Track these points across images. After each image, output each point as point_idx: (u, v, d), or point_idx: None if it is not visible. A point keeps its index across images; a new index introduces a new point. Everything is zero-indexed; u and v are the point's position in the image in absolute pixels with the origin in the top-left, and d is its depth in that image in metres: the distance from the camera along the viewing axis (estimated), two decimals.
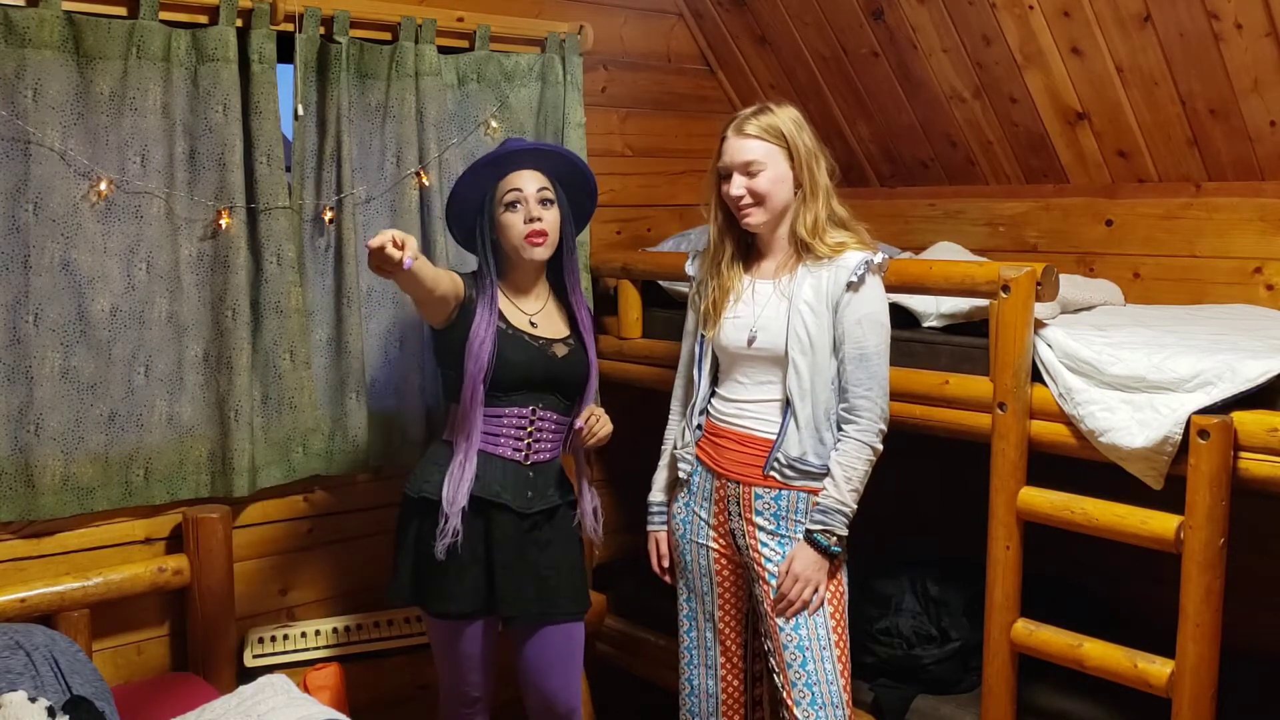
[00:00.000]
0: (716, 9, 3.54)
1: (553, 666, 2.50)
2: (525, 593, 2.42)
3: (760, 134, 2.26)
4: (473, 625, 2.45)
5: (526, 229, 2.41)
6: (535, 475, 2.46)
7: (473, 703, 2.56)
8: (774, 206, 2.28)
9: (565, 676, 2.52)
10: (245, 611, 2.84)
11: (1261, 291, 2.75)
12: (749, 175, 2.26)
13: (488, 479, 2.41)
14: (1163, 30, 2.64)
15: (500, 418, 2.43)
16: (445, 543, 2.36)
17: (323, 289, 2.86)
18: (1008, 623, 2.32)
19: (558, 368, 2.47)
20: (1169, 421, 2.06)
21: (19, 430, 2.46)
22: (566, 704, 2.54)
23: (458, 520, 2.36)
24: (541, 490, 2.47)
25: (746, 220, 2.30)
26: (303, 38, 2.72)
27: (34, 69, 2.39)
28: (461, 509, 2.36)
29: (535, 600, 2.43)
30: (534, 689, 2.53)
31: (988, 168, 3.30)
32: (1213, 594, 2.05)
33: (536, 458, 2.46)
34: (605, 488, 3.51)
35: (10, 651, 2.20)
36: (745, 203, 2.28)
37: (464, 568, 2.39)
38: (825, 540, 2.25)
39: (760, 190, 2.26)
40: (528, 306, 2.51)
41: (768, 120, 2.27)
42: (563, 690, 2.53)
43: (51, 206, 2.45)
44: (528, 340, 2.45)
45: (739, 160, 2.27)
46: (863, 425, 2.25)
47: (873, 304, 2.26)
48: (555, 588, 2.45)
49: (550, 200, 2.45)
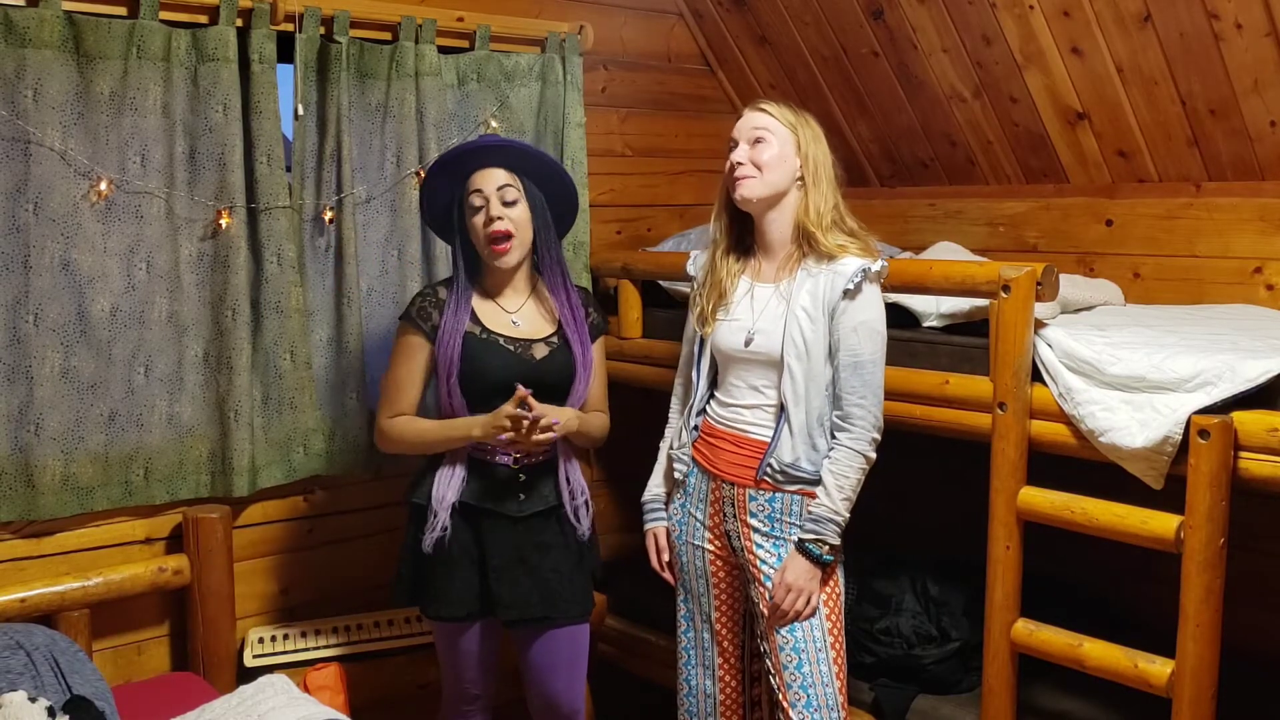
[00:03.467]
0: (716, 9, 3.54)
1: (557, 668, 2.50)
2: (523, 596, 2.41)
3: (775, 114, 2.30)
4: (470, 627, 2.45)
5: (488, 231, 2.35)
6: (528, 478, 2.43)
7: (473, 700, 2.56)
8: (770, 181, 2.27)
9: (569, 678, 2.52)
10: (245, 611, 2.84)
11: (1261, 291, 2.75)
12: (753, 145, 2.28)
13: (478, 486, 2.40)
14: (1163, 30, 2.64)
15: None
16: (433, 537, 2.37)
17: (323, 289, 2.86)
18: (1008, 623, 2.32)
19: (538, 370, 2.40)
20: (1169, 421, 2.06)
21: (19, 430, 2.46)
22: (570, 705, 2.53)
23: (446, 517, 2.37)
24: (535, 492, 2.44)
25: (740, 191, 2.28)
26: (303, 38, 2.72)
27: (34, 69, 2.39)
28: (452, 505, 2.37)
29: (537, 603, 2.42)
30: (538, 690, 2.53)
31: (988, 168, 3.30)
32: (1213, 594, 2.05)
33: (527, 461, 2.43)
34: (605, 487, 3.51)
35: (10, 651, 2.20)
36: (743, 170, 2.27)
37: (458, 571, 2.39)
38: (818, 550, 2.24)
39: (760, 161, 2.26)
40: (509, 304, 2.46)
41: (785, 107, 2.32)
42: (566, 692, 2.52)
43: (51, 206, 2.45)
44: (503, 344, 2.40)
45: (747, 127, 2.30)
46: (856, 433, 2.25)
47: (869, 311, 2.25)
48: (557, 590, 2.43)
49: (514, 200, 2.37)
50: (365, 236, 2.90)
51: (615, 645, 3.36)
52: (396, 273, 2.95)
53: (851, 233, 2.30)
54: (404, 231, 2.93)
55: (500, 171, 2.38)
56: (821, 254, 2.27)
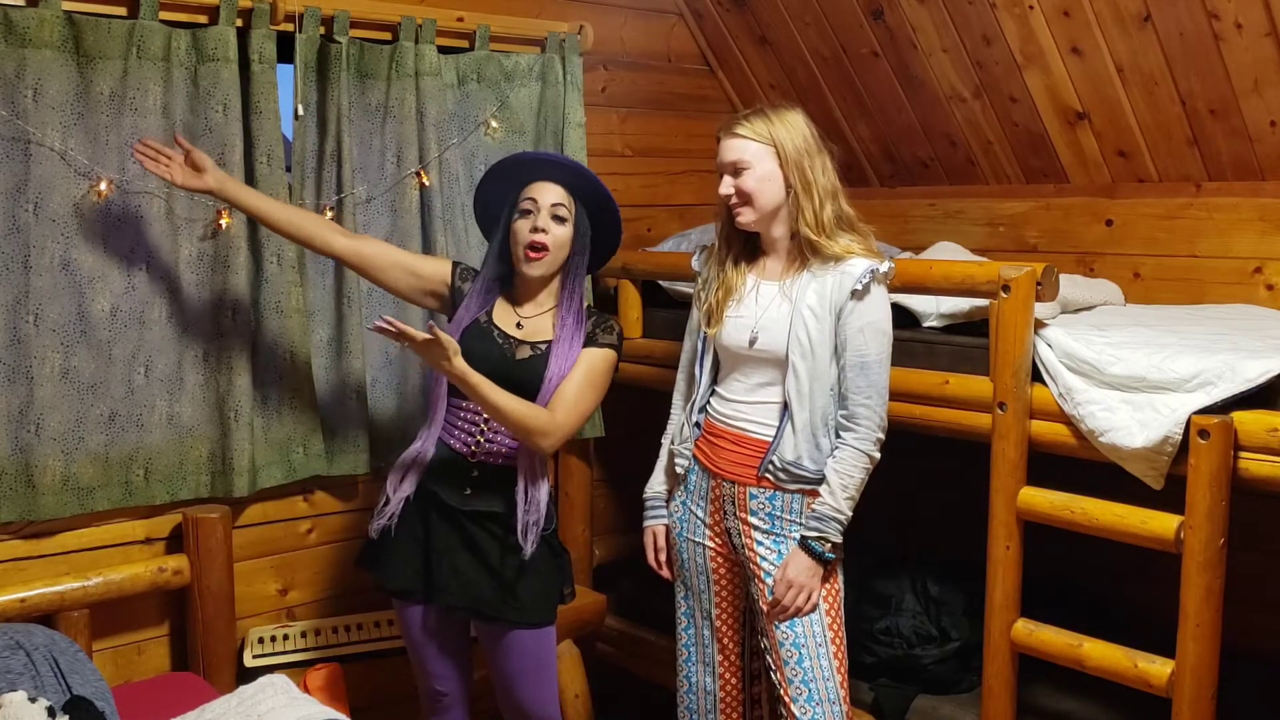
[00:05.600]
0: (716, 9, 3.54)
1: (521, 673, 2.46)
2: (461, 584, 2.38)
3: (748, 135, 2.27)
4: (415, 608, 2.46)
5: (528, 239, 2.36)
6: (479, 475, 2.40)
7: (438, 697, 2.54)
8: (762, 205, 2.28)
9: (536, 685, 2.48)
10: (245, 611, 2.84)
11: (1261, 291, 2.75)
12: (736, 174, 2.28)
13: (434, 468, 2.42)
14: (1163, 30, 2.64)
15: (459, 409, 2.42)
16: (380, 524, 2.42)
17: (323, 289, 2.86)
18: (1008, 623, 2.32)
19: (515, 369, 2.37)
20: (1169, 421, 2.07)
21: (19, 430, 2.46)
22: (540, 713, 2.50)
23: (397, 507, 2.41)
24: (483, 491, 2.40)
25: (738, 220, 2.32)
26: (303, 38, 2.72)
27: (34, 69, 2.39)
28: (406, 498, 2.41)
29: (490, 600, 2.38)
30: (505, 697, 2.51)
31: (988, 168, 3.30)
32: (1213, 594, 2.05)
33: (484, 457, 2.40)
34: (604, 487, 3.51)
35: (10, 651, 2.20)
36: (733, 202, 2.30)
37: (402, 545, 2.43)
38: (820, 547, 2.25)
39: (746, 189, 2.27)
40: (524, 310, 2.46)
41: (758, 121, 2.28)
42: (534, 699, 2.48)
43: (51, 206, 2.45)
44: (495, 336, 2.41)
45: (727, 160, 2.30)
46: (861, 433, 2.25)
47: (876, 312, 2.26)
48: (514, 592, 2.38)
49: (563, 218, 2.38)
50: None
51: (615, 645, 3.36)
52: None
53: (851, 225, 2.31)
54: (404, 231, 2.93)
55: (559, 188, 2.40)
56: (827, 257, 2.28)
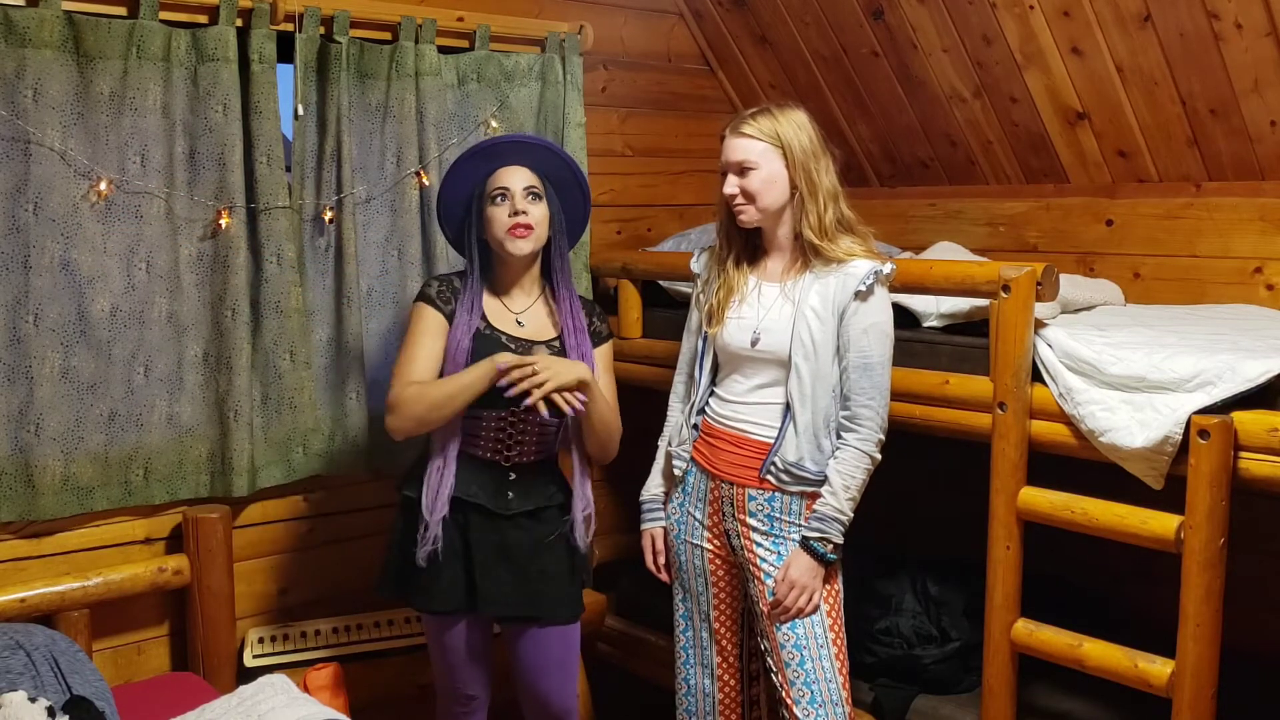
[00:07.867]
0: (716, 9, 3.54)
1: (547, 667, 2.49)
2: (507, 592, 2.40)
3: (755, 134, 2.27)
4: (457, 622, 2.45)
5: (510, 221, 2.37)
6: (518, 477, 2.43)
7: (467, 700, 2.55)
8: (766, 206, 2.29)
9: (561, 678, 2.51)
10: (245, 611, 2.84)
11: (1261, 291, 2.75)
12: (741, 174, 2.28)
13: (466, 480, 2.40)
14: (1163, 30, 2.64)
15: (480, 420, 2.40)
16: (426, 550, 2.37)
17: (323, 289, 2.86)
18: (1008, 623, 2.32)
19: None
20: (1169, 421, 2.06)
21: (19, 430, 2.46)
22: (561, 705, 2.52)
23: (438, 529, 2.36)
24: (524, 492, 2.43)
25: (740, 218, 2.32)
26: (303, 38, 2.72)
27: (34, 69, 2.39)
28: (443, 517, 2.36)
29: (524, 603, 2.41)
30: (528, 690, 2.53)
31: (988, 168, 3.30)
32: (1213, 594, 2.05)
33: (518, 459, 2.42)
34: (604, 487, 3.51)
35: (10, 651, 2.20)
36: (737, 201, 2.30)
37: (443, 565, 2.39)
38: (822, 548, 2.25)
39: (751, 189, 2.27)
40: (515, 305, 2.46)
41: (765, 121, 2.28)
42: (557, 692, 2.51)
43: (51, 206, 2.45)
44: (505, 342, 2.40)
45: (733, 159, 2.29)
46: (863, 434, 2.25)
47: (879, 314, 2.26)
48: (543, 590, 2.42)
49: (538, 196, 2.41)
50: (365, 236, 2.90)
51: (615, 645, 3.36)
52: (396, 273, 2.95)
53: (851, 227, 2.31)
54: (404, 231, 2.93)
55: (527, 171, 2.42)
56: (829, 260, 2.28)
